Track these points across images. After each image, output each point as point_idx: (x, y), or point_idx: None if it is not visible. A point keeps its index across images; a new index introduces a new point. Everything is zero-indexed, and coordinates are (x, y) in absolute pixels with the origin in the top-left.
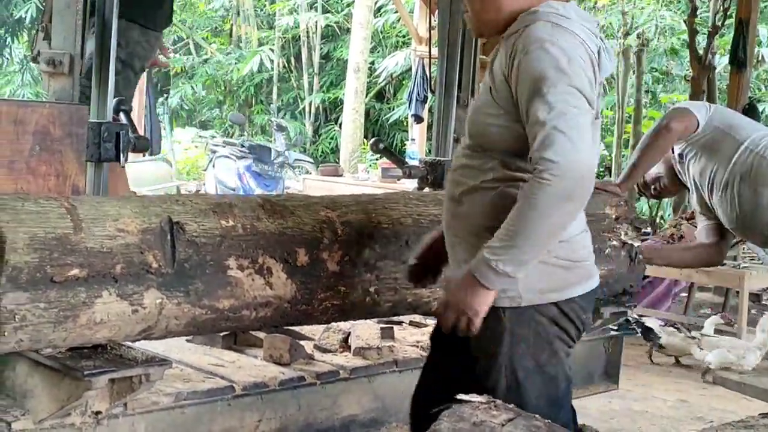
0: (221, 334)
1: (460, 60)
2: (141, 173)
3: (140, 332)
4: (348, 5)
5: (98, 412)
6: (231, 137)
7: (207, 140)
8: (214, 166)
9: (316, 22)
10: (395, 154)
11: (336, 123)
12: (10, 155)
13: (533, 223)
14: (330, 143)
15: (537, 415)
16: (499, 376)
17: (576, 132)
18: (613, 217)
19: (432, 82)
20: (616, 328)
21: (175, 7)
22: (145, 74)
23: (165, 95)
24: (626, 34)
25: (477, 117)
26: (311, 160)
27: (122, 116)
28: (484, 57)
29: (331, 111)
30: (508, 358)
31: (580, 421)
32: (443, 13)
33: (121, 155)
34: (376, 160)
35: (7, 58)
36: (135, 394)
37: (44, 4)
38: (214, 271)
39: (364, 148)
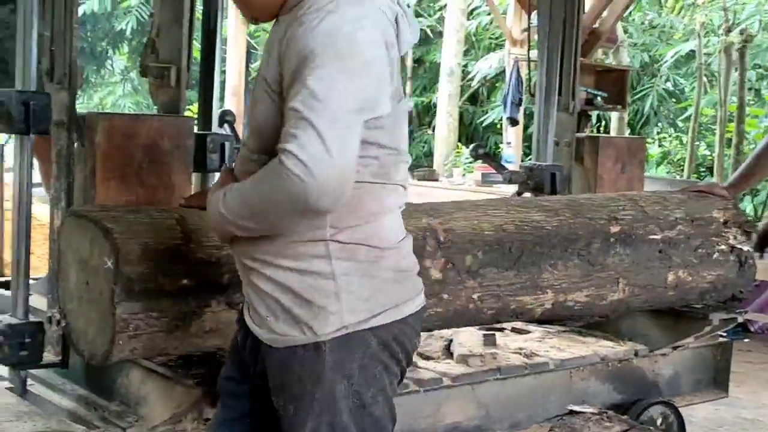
0: None
1: (560, 63)
2: None
3: None
4: (440, 9)
5: (208, 419)
6: None
7: None
8: None
9: None
10: (495, 160)
11: (429, 127)
12: (122, 167)
13: (255, 202)
14: (424, 147)
15: (652, 428)
16: (316, 425)
17: (335, 131)
18: (721, 221)
19: (530, 85)
20: (724, 333)
21: None
22: (243, 82)
23: None
24: (728, 31)
25: (253, 115)
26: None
27: (226, 127)
28: (583, 60)
29: (425, 115)
30: (326, 402)
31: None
32: (543, 16)
33: (226, 165)
34: (471, 163)
35: (109, 69)
36: None
37: (151, 18)
38: None
39: (458, 152)
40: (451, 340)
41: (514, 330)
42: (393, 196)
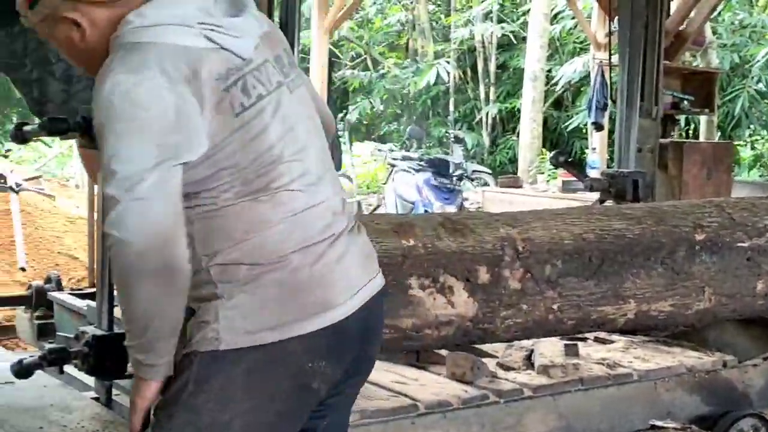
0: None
1: (642, 67)
2: None
3: None
4: (524, 14)
5: None
6: (409, 150)
7: (386, 154)
8: (393, 180)
9: (492, 32)
10: (577, 167)
11: (513, 133)
12: None
13: (126, 304)
14: (508, 153)
15: None
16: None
17: (138, 195)
18: None
19: (612, 90)
20: None
21: (352, 24)
22: (326, 93)
23: (344, 111)
24: None
25: None
26: (489, 171)
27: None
28: (668, 63)
29: (509, 121)
30: (179, 411)
31: None
32: (623, 19)
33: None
34: (555, 170)
35: None
36: None
37: None
38: (396, 290)
39: (542, 158)
40: (532, 351)
41: (597, 340)
42: (279, 205)
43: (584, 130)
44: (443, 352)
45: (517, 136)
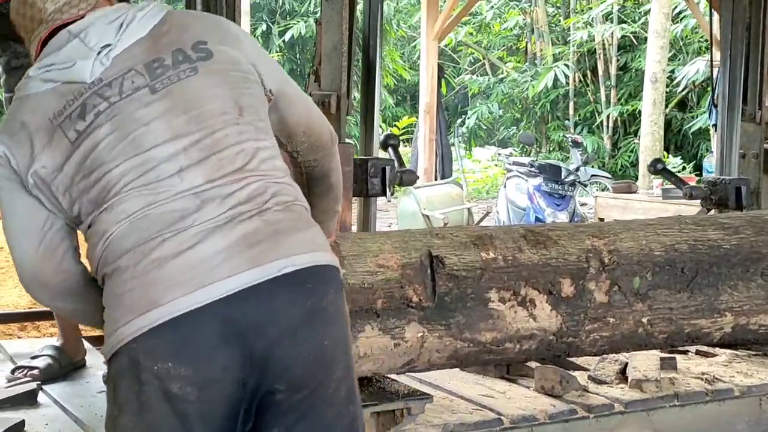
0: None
1: (744, 69)
2: (433, 197)
3: (403, 365)
4: (645, 14)
5: None
6: (528, 155)
7: (504, 159)
8: (505, 186)
9: (612, 33)
10: (675, 175)
11: (635, 136)
12: None
13: None
14: (630, 157)
15: None
16: None
17: (12, 240)
18: None
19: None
20: None
21: (471, 29)
22: (435, 100)
23: (463, 116)
24: None
25: None
26: (609, 175)
27: (390, 151)
28: None
29: (630, 123)
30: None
31: None
32: (725, 20)
33: (387, 190)
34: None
35: None
36: (399, 427)
37: (314, 47)
38: (475, 303)
39: (664, 161)
40: (626, 364)
41: (699, 353)
42: (115, 213)
43: (708, 132)
44: (533, 364)
45: (639, 139)
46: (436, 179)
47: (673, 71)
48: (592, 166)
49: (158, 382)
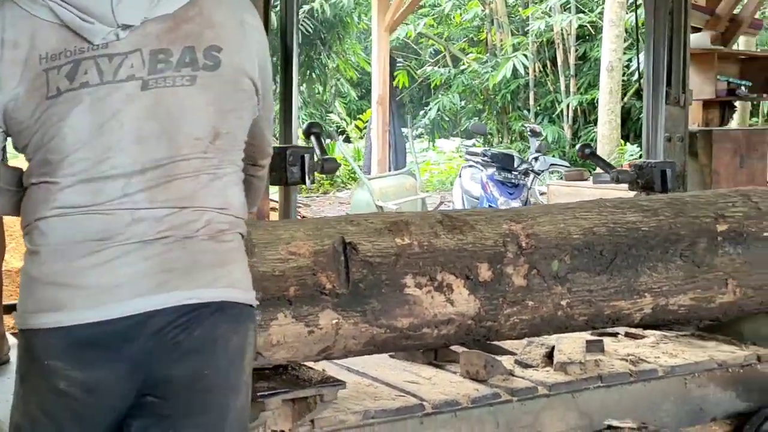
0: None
1: (668, 53)
2: (386, 188)
3: (319, 352)
4: (602, 3)
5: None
6: (490, 145)
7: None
8: (460, 176)
9: (570, 23)
10: (603, 160)
11: (595, 125)
12: None
13: None
14: (592, 146)
15: None
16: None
17: None
18: None
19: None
20: None
21: (431, 21)
22: (387, 91)
23: (425, 108)
24: None
25: None
26: (567, 164)
27: (312, 139)
28: (724, 48)
29: (590, 112)
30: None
31: None
32: (648, 5)
33: (307, 177)
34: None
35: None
36: (312, 414)
37: None
38: (391, 290)
39: (621, 149)
40: (553, 347)
41: (628, 335)
42: (51, 197)
43: None
44: (460, 349)
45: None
46: (390, 170)
47: (630, 60)
48: (552, 155)
49: (48, 374)
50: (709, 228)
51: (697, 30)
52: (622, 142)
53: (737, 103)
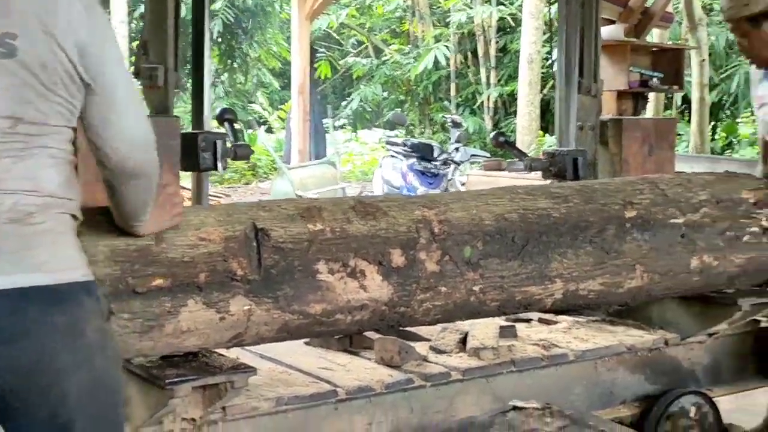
0: (337, 336)
1: (580, 44)
2: (306, 178)
3: (230, 339)
4: None
5: (194, 419)
6: (412, 136)
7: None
8: (381, 165)
9: (491, 15)
10: (516, 147)
11: (515, 116)
12: None
13: None
14: (510, 137)
15: (591, 423)
16: None
17: None
18: (752, 201)
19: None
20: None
21: (353, 12)
22: (308, 80)
23: (347, 99)
24: None
25: None
26: (488, 155)
27: (226, 125)
28: (636, 40)
29: (510, 104)
30: None
31: (740, 420)
32: None
33: (219, 163)
34: None
35: None
36: (223, 401)
37: (143, 20)
38: (303, 276)
39: (541, 140)
40: (467, 333)
41: (541, 321)
42: None
43: None
44: (375, 336)
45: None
46: (310, 160)
47: (549, 53)
48: (473, 146)
49: None
50: (617, 215)
51: (610, 22)
52: (541, 133)
53: (651, 95)
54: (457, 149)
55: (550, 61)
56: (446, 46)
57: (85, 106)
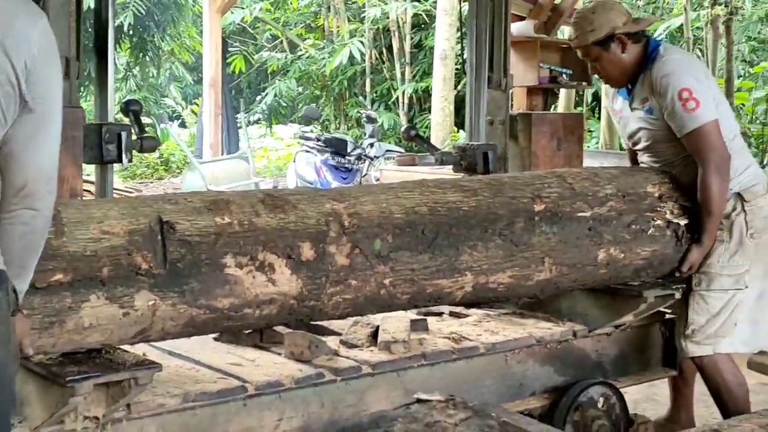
0: (246, 332)
1: (490, 39)
2: (218, 172)
3: (135, 335)
4: None
5: (96, 417)
6: (327, 131)
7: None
8: (295, 160)
9: (405, 11)
10: (427, 141)
11: (430, 112)
12: None
13: None
14: (425, 132)
15: (493, 414)
16: None
17: None
18: (656, 195)
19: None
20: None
21: (267, 6)
22: (220, 74)
23: (262, 94)
24: (714, 3)
25: None
26: (402, 150)
27: (131, 116)
28: (546, 37)
29: (425, 100)
30: None
31: (646, 409)
32: None
33: (124, 156)
34: None
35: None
36: (127, 399)
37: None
38: (211, 269)
39: (454, 137)
40: (378, 327)
41: (452, 314)
42: None
43: None
44: (286, 331)
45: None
46: (222, 154)
47: (463, 49)
48: (388, 142)
49: None
50: (526, 208)
51: (520, 18)
52: (456, 129)
53: (562, 91)
54: (371, 145)
55: (464, 58)
56: (361, 41)
57: (14, 122)
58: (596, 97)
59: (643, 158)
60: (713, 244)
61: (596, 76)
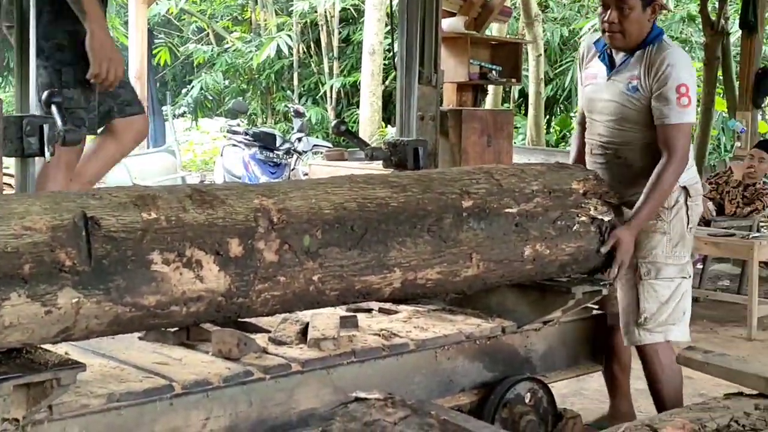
0: (173, 330)
1: (420, 35)
2: (144, 166)
3: (58, 333)
4: None
5: (16, 419)
6: (255, 125)
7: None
8: (222, 155)
9: (333, 5)
10: (357, 136)
11: (358, 107)
12: None
13: None
14: (353, 127)
15: (432, 412)
16: None
17: None
18: (581, 192)
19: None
20: (598, 307)
21: None
22: (146, 66)
23: (187, 86)
24: None
25: None
26: (330, 145)
27: (54, 108)
28: (476, 34)
29: (353, 95)
30: None
31: (574, 403)
32: None
33: (46, 149)
34: None
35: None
36: (49, 400)
37: None
38: (137, 266)
39: (382, 132)
40: (307, 324)
41: (382, 311)
42: None
43: None
44: (213, 328)
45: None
46: (148, 148)
47: (391, 44)
48: (316, 136)
49: None
50: (454, 204)
51: (451, 14)
52: (384, 124)
53: (490, 87)
54: (299, 139)
55: (392, 53)
56: (289, 35)
57: None
58: (523, 93)
59: (596, 130)
60: (639, 231)
61: (604, 27)
